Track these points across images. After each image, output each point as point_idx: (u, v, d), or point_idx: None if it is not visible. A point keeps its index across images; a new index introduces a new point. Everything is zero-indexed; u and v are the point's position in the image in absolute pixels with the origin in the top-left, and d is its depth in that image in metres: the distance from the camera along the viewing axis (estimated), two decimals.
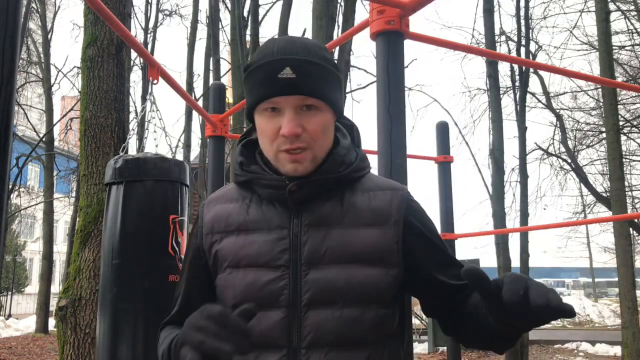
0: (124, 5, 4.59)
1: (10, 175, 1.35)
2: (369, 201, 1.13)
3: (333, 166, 1.12)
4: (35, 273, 27.40)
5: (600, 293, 33.71)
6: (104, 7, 2.12)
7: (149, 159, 2.43)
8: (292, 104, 1.06)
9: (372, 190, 1.15)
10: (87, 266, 4.07)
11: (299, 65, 1.05)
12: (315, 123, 1.08)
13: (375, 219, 1.11)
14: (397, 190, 1.17)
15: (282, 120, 1.06)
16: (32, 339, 13.64)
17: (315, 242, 1.08)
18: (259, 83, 1.07)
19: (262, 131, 1.10)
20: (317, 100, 1.07)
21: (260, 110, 1.09)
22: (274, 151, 1.09)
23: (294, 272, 1.07)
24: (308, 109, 1.07)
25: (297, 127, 1.05)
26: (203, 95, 14.05)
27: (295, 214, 1.10)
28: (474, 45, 10.92)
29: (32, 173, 26.79)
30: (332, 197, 1.12)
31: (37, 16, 16.69)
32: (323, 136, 1.10)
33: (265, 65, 1.07)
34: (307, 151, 1.08)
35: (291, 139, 1.05)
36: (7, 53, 1.25)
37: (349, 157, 1.15)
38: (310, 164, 1.09)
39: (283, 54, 1.06)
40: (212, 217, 1.16)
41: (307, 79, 1.05)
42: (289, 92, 1.05)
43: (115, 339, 2.30)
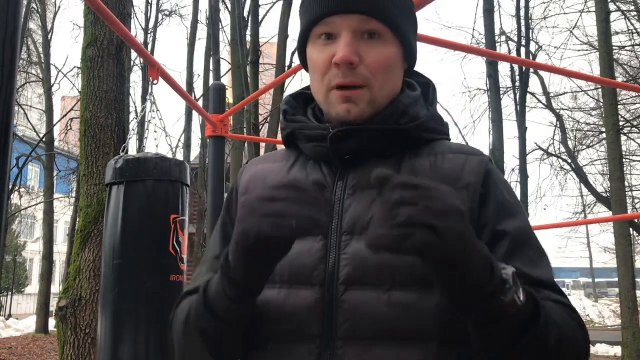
0: (124, 5, 4.59)
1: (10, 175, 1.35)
2: (435, 163, 0.90)
3: (392, 116, 0.90)
4: (35, 273, 27.40)
5: (600, 293, 33.69)
6: (104, 7, 2.12)
7: (149, 158, 2.43)
8: (350, 25, 0.87)
9: (441, 153, 0.92)
10: (87, 266, 4.07)
11: None
12: (377, 54, 0.88)
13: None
14: (474, 154, 0.93)
15: (336, 48, 0.87)
16: (32, 339, 13.63)
17: (360, 207, 0.86)
18: (312, 2, 0.89)
19: (313, 63, 0.92)
20: (381, 24, 0.88)
21: (314, 39, 0.91)
22: (325, 88, 0.90)
23: (335, 241, 0.86)
24: (370, 37, 0.88)
25: (352, 53, 0.86)
26: (203, 95, 14.06)
27: (341, 174, 0.91)
28: (474, 45, 10.93)
29: (32, 173, 26.78)
30: (389, 157, 0.91)
31: (37, 16, 16.69)
32: (385, 74, 0.89)
33: None
34: (364, 90, 0.88)
35: (344, 70, 0.86)
36: (7, 53, 1.25)
37: (414, 109, 0.93)
38: (367, 106, 0.89)
39: None
40: (250, 177, 1.00)
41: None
42: (349, 8, 0.86)
43: (116, 339, 2.30)
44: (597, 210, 15.43)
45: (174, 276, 2.36)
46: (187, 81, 15.25)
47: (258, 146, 9.92)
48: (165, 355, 2.30)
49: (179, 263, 2.40)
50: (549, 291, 0.84)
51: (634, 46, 12.36)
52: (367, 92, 0.88)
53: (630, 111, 13.13)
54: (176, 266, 2.39)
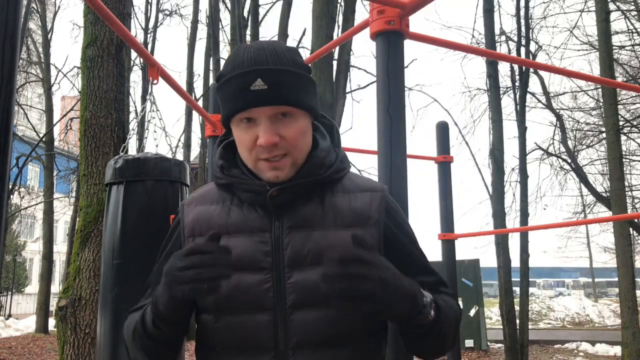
0: (124, 5, 4.59)
1: (10, 175, 1.35)
2: (349, 202, 1.14)
3: (313, 169, 1.12)
4: (35, 273, 27.41)
5: (600, 293, 33.69)
6: (104, 7, 2.12)
7: (149, 158, 2.43)
8: (267, 114, 1.06)
9: (352, 191, 1.16)
10: (87, 266, 4.07)
11: (271, 75, 1.05)
12: (292, 130, 1.08)
13: (355, 220, 1.12)
14: (376, 191, 1.18)
15: (258, 130, 1.06)
16: (32, 339, 13.64)
17: (297, 244, 1.08)
18: (232, 95, 1.07)
19: (240, 141, 1.11)
20: (291, 107, 1.07)
21: (236, 121, 1.10)
22: (253, 160, 1.10)
23: (277, 274, 1.07)
24: (284, 116, 1.07)
25: (274, 136, 1.05)
26: (203, 95, 14.06)
27: (276, 216, 1.11)
28: (474, 45, 10.92)
29: (32, 173, 26.79)
30: (313, 199, 1.13)
31: (37, 16, 16.71)
32: (301, 141, 1.10)
33: (236, 78, 1.06)
34: (287, 157, 1.08)
35: (269, 149, 1.06)
36: (7, 53, 1.25)
37: (328, 158, 1.16)
38: (290, 169, 1.10)
39: (253, 65, 1.05)
40: (194, 219, 1.17)
41: (280, 88, 1.05)
42: (263, 103, 1.05)
43: (116, 339, 2.29)
44: (597, 210, 15.45)
45: None
46: (187, 81, 15.27)
47: None
48: None
49: None
50: (441, 287, 1.19)
51: (634, 46, 12.36)
52: (290, 158, 1.09)
53: (630, 111, 13.13)
54: None
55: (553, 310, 24.71)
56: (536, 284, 34.72)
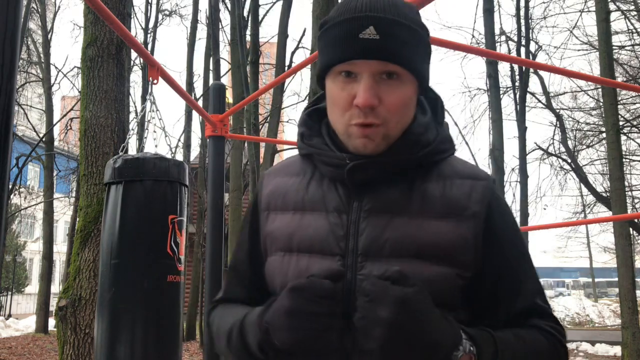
0: (124, 5, 4.59)
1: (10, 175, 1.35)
2: (443, 189, 0.97)
3: (405, 147, 0.97)
4: (35, 273, 27.41)
5: (600, 293, 33.67)
6: (104, 7, 2.12)
7: (148, 159, 2.42)
8: (371, 69, 0.91)
9: (449, 177, 0.99)
10: (87, 266, 4.07)
11: (385, 25, 0.90)
12: (395, 96, 0.93)
13: (448, 210, 0.95)
14: (480, 179, 1.00)
15: (357, 88, 0.92)
16: (32, 339, 13.64)
17: (375, 231, 0.94)
18: (335, 42, 0.93)
19: (333, 99, 0.96)
20: (401, 67, 0.92)
21: (334, 74, 0.95)
22: (344, 123, 0.95)
23: (351, 262, 0.94)
24: (389, 77, 0.92)
25: (373, 97, 0.91)
26: (203, 95, 14.06)
27: (356, 197, 0.97)
28: (474, 45, 10.93)
29: (32, 173, 26.78)
30: (401, 182, 0.98)
31: (37, 16, 16.70)
32: (402, 112, 0.95)
33: (345, 23, 0.92)
34: (380, 127, 0.93)
35: (365, 112, 0.91)
36: (7, 53, 1.25)
37: (426, 136, 0.99)
38: (382, 141, 0.95)
39: (367, 10, 0.91)
40: (270, 192, 1.06)
41: (393, 42, 0.90)
42: (370, 55, 0.90)
43: (113, 339, 2.29)
44: (597, 210, 15.44)
45: (171, 277, 2.36)
46: (187, 81, 15.26)
47: (258, 146, 9.92)
48: (162, 355, 2.30)
49: (177, 264, 2.40)
50: (539, 320, 0.97)
51: (634, 46, 12.36)
52: (384, 129, 0.94)
53: (630, 111, 13.13)
54: (174, 267, 2.39)
55: (553, 310, 24.65)
56: None
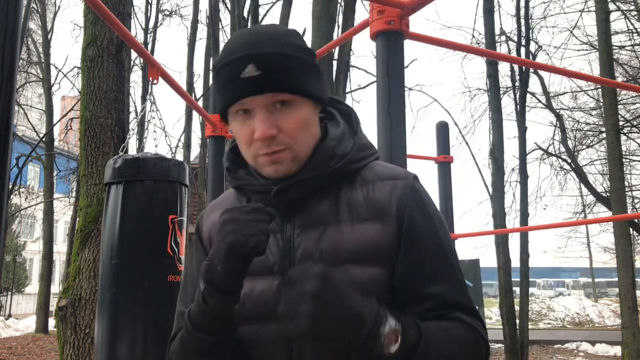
0: (124, 5, 4.59)
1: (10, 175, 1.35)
2: (367, 194, 1.01)
3: (322, 161, 1.00)
4: (35, 273, 27.40)
5: (600, 293, 33.65)
6: (104, 7, 2.12)
7: (148, 159, 2.43)
8: (262, 103, 0.95)
9: (371, 181, 1.03)
10: (87, 266, 4.07)
11: (263, 60, 0.93)
12: (291, 120, 0.96)
13: (373, 213, 0.99)
14: (399, 178, 1.03)
15: (253, 123, 0.96)
16: (32, 339, 13.64)
17: (309, 244, 0.98)
18: (223, 85, 0.98)
19: (237, 135, 1.01)
20: (289, 94, 0.95)
21: (232, 113, 0.99)
22: (252, 157, 1.00)
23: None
24: (282, 105, 0.96)
25: (270, 128, 0.94)
26: (203, 95, 14.06)
27: (288, 217, 1.01)
28: (474, 45, 10.93)
29: (32, 173, 26.78)
30: (328, 195, 1.02)
31: (37, 16, 16.71)
32: (304, 132, 0.98)
33: (227, 66, 0.96)
34: (286, 151, 0.97)
35: (267, 143, 0.95)
36: (7, 53, 1.25)
37: (341, 148, 1.03)
38: (291, 163, 0.98)
39: (244, 50, 0.94)
40: (209, 227, 1.10)
41: (275, 74, 0.94)
42: (255, 91, 0.94)
43: (113, 339, 2.29)
44: (597, 210, 15.44)
45: (171, 276, 2.36)
46: (187, 81, 15.26)
47: None
48: (162, 355, 2.30)
49: (177, 263, 2.40)
50: (460, 313, 0.97)
51: (634, 46, 12.36)
52: (290, 152, 0.98)
53: (630, 111, 13.13)
54: (174, 266, 2.39)
55: (553, 310, 24.72)
56: (536, 284, 34.68)
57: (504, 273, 9.81)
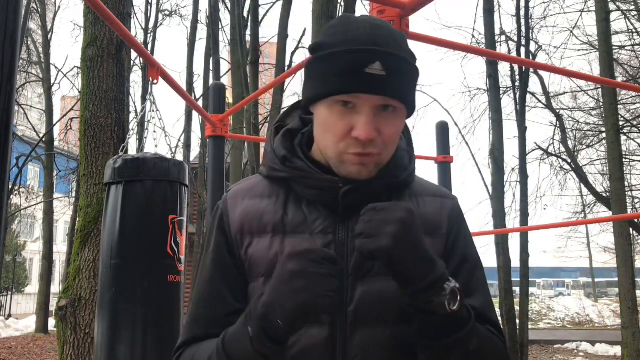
0: (124, 5, 4.60)
1: (10, 175, 1.35)
2: (417, 207, 1.02)
3: (392, 171, 1.00)
4: (35, 273, 27.40)
5: (600, 293, 33.67)
6: (104, 7, 2.12)
7: (148, 159, 2.43)
8: (373, 103, 0.91)
9: (420, 195, 1.05)
10: (87, 266, 4.07)
11: (391, 62, 0.90)
12: (392, 127, 0.94)
13: (426, 227, 0.98)
14: (447, 197, 1.08)
15: (356, 119, 0.92)
16: (32, 339, 13.64)
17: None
18: (338, 73, 0.91)
19: (329, 126, 0.95)
20: (399, 102, 0.93)
21: (332, 102, 0.93)
22: (339, 152, 0.95)
23: (340, 284, 0.92)
24: (385, 109, 0.93)
25: (374, 131, 0.91)
26: (203, 95, 14.06)
27: (342, 218, 0.97)
28: (474, 45, 10.93)
29: (32, 173, 26.78)
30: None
31: (37, 16, 16.71)
32: (396, 142, 0.98)
33: (349, 54, 0.90)
34: (377, 156, 0.95)
35: (364, 144, 0.92)
36: (7, 53, 1.25)
37: (405, 160, 1.04)
38: (375, 168, 0.97)
39: (373, 44, 0.89)
40: (242, 214, 1.01)
41: (397, 79, 0.91)
42: (376, 90, 0.89)
43: (113, 339, 2.30)
44: (597, 210, 15.43)
45: (171, 277, 2.36)
46: (187, 81, 15.25)
47: (258, 146, 9.91)
48: (162, 356, 2.30)
49: (177, 264, 2.40)
50: (489, 325, 0.99)
51: (634, 46, 12.36)
52: (378, 157, 0.96)
53: (630, 111, 13.13)
54: (174, 267, 2.39)
55: (553, 310, 24.73)
56: (536, 284, 34.71)
57: (504, 273, 9.81)
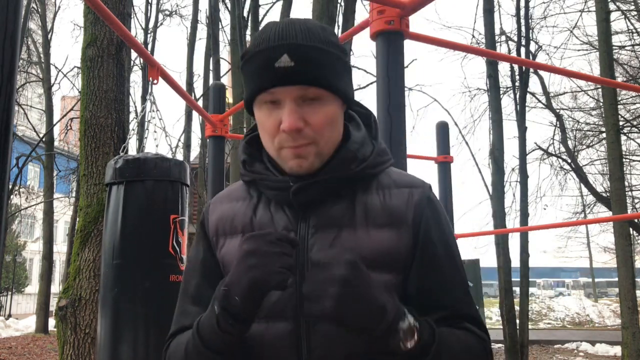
0: (124, 5, 4.59)
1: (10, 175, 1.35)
2: (383, 199, 1.02)
3: (343, 163, 1.00)
4: (35, 273, 27.41)
5: (600, 293, 33.67)
6: (104, 7, 2.12)
7: (149, 159, 2.43)
8: (292, 95, 0.94)
9: (387, 187, 1.04)
10: (87, 266, 4.07)
11: (299, 51, 0.93)
12: (319, 116, 0.96)
13: (389, 219, 0.99)
14: (416, 187, 1.04)
15: (282, 114, 0.95)
16: (32, 339, 13.64)
17: (323, 245, 0.98)
18: (255, 73, 0.97)
19: (262, 126, 1.00)
20: (320, 89, 0.96)
21: (259, 102, 0.99)
22: (275, 148, 0.99)
23: (301, 276, 0.96)
24: (311, 100, 0.96)
25: (298, 120, 0.94)
26: (203, 95, 14.06)
27: (302, 216, 1.01)
28: (474, 45, 10.92)
29: (32, 173, 26.79)
30: (344, 197, 1.02)
31: (37, 16, 16.71)
32: (329, 129, 0.98)
33: (261, 53, 0.95)
34: (312, 145, 0.97)
35: (293, 135, 0.95)
36: (7, 53, 1.25)
37: (362, 151, 1.03)
38: (315, 159, 0.98)
39: (280, 39, 0.94)
40: (217, 218, 1.08)
41: (308, 67, 0.94)
42: (288, 82, 0.94)
43: (115, 339, 2.30)
44: (597, 210, 15.43)
45: (173, 276, 2.36)
46: (187, 81, 15.26)
47: None
48: None
49: (179, 263, 2.40)
50: (466, 321, 1.00)
51: (634, 46, 12.36)
52: (315, 147, 0.97)
53: (630, 111, 13.13)
54: (176, 266, 2.39)
55: (553, 310, 24.73)
56: (536, 284, 34.69)
57: (504, 273, 9.81)
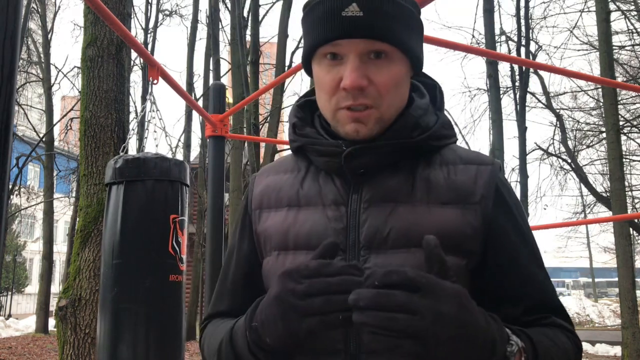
0: (124, 5, 4.59)
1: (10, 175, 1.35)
2: (448, 175, 0.91)
3: (404, 130, 0.91)
4: (35, 273, 27.41)
5: (600, 293, 33.68)
6: (104, 7, 2.12)
7: (149, 158, 2.43)
8: (357, 49, 0.86)
9: (452, 163, 0.93)
10: (87, 266, 4.07)
11: (369, 1, 0.84)
12: (385, 75, 0.87)
13: (454, 197, 0.89)
14: (485, 164, 0.94)
15: (344, 70, 0.87)
16: (32, 339, 13.63)
17: (377, 221, 0.88)
18: (318, 22, 0.87)
19: (320, 83, 0.91)
20: (389, 45, 0.86)
21: (319, 57, 0.90)
22: (332, 108, 0.90)
23: (353, 257, 0.87)
24: (377, 56, 0.87)
25: (361, 78, 0.85)
26: (203, 95, 14.07)
27: (355, 188, 0.91)
28: (474, 45, 10.93)
29: (32, 173, 26.78)
30: (402, 169, 0.92)
31: (37, 16, 16.70)
32: (394, 92, 0.89)
33: (326, 2, 0.86)
34: (372, 110, 0.88)
35: (354, 93, 0.86)
36: (7, 53, 1.25)
37: (425, 120, 0.93)
38: (375, 125, 0.89)
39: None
40: (262, 190, 1.00)
41: (378, 19, 0.84)
42: (354, 33, 0.84)
43: (115, 339, 2.29)
44: (597, 210, 15.44)
45: (173, 276, 2.36)
46: (187, 81, 15.26)
47: (258, 146, 9.92)
48: (164, 355, 2.30)
49: (179, 263, 2.40)
50: (556, 317, 0.90)
51: (634, 46, 12.36)
52: (376, 111, 0.88)
53: (630, 111, 13.14)
54: (176, 266, 2.39)
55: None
56: None
57: None
